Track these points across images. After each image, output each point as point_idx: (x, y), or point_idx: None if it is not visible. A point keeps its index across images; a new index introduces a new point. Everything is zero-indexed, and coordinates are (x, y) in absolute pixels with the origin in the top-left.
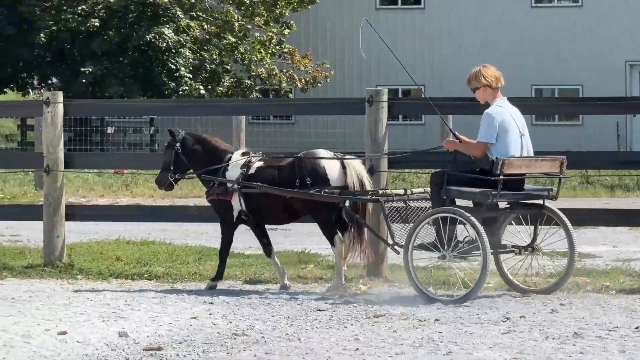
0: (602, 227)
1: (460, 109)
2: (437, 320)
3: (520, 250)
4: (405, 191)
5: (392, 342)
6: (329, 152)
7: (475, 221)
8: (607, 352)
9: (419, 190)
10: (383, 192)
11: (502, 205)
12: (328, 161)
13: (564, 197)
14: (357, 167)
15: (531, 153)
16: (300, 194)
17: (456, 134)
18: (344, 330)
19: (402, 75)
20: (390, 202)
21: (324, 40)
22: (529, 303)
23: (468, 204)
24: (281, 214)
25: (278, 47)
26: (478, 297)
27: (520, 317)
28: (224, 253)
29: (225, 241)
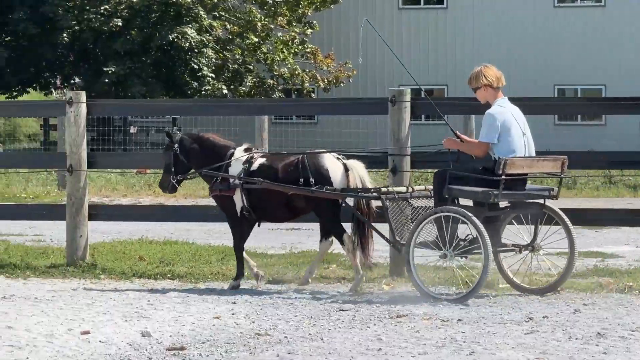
0: (626, 227)
1: (478, 109)
2: (460, 320)
3: (520, 249)
4: (407, 189)
5: (415, 342)
6: (333, 155)
7: (476, 220)
8: (630, 353)
9: (420, 187)
10: (385, 190)
11: (503, 204)
12: (331, 163)
13: (587, 197)
14: (360, 170)
15: (532, 152)
16: (302, 190)
17: (457, 133)
18: (367, 330)
19: (425, 75)
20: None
21: (347, 40)
22: (552, 303)
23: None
24: (282, 211)
25: (301, 47)
26: (502, 297)
27: (543, 317)
28: (239, 251)
29: (236, 238)
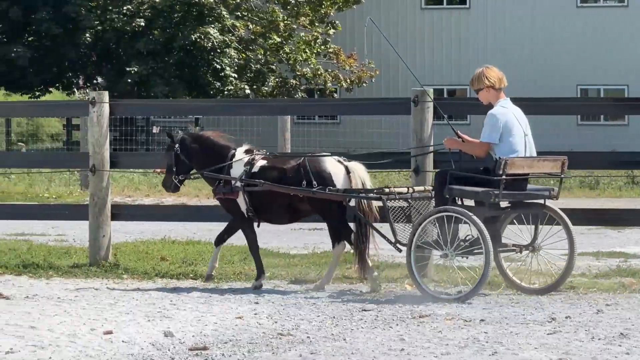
0: None
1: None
2: (483, 320)
3: (521, 249)
4: (408, 189)
5: (438, 343)
6: (334, 158)
7: (477, 220)
8: None
9: (420, 188)
10: (387, 190)
11: (504, 204)
12: (333, 166)
13: (609, 197)
14: (362, 174)
15: (534, 153)
16: (303, 192)
17: (459, 133)
18: (390, 330)
19: (448, 75)
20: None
21: (369, 39)
22: (575, 303)
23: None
24: (284, 213)
25: (323, 47)
26: (524, 298)
27: (565, 318)
28: (255, 250)
29: (250, 238)
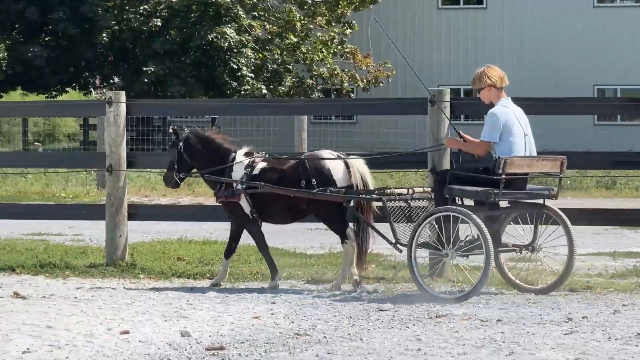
0: None
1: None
2: (500, 320)
3: (520, 249)
4: (408, 190)
5: (454, 343)
6: (332, 153)
7: (477, 220)
8: None
9: (420, 189)
10: (387, 191)
11: (503, 204)
12: (333, 162)
13: (627, 197)
14: (361, 168)
15: (534, 153)
16: (303, 193)
17: (461, 133)
18: (406, 330)
19: (465, 75)
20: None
21: (386, 39)
22: (592, 304)
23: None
24: (286, 213)
25: (340, 47)
26: (541, 298)
27: (582, 318)
28: (264, 250)
29: (257, 239)
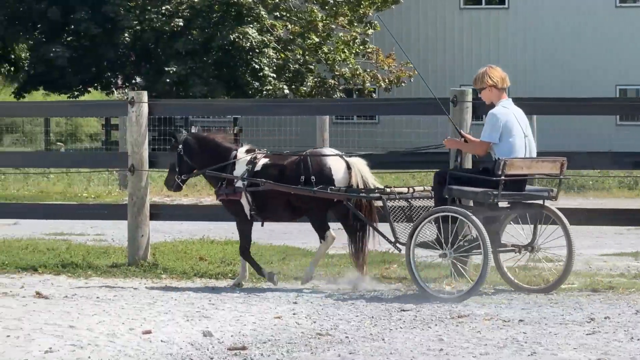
0: None
1: (539, 109)
2: (522, 320)
3: (520, 249)
4: (408, 189)
5: (476, 343)
6: (334, 151)
7: (476, 220)
8: None
9: (420, 188)
10: (388, 190)
11: (503, 204)
12: (333, 161)
13: None
14: (361, 168)
15: (534, 154)
16: (304, 191)
17: (462, 133)
18: (428, 330)
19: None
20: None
21: (408, 39)
22: (614, 304)
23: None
24: (284, 211)
25: (362, 47)
26: (563, 298)
27: (604, 318)
28: (245, 254)
29: (244, 241)
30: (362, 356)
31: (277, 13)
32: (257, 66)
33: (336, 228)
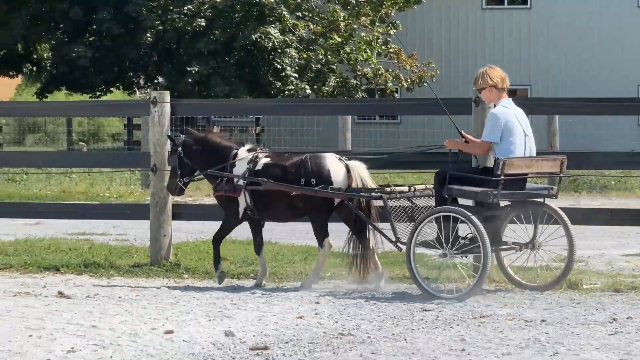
0: None
1: (561, 109)
2: (544, 320)
3: (520, 247)
4: (409, 188)
5: (499, 343)
6: (335, 156)
7: (476, 220)
8: None
9: (421, 187)
10: (388, 189)
11: (503, 203)
12: (333, 164)
13: None
14: (361, 171)
15: (534, 154)
16: (306, 190)
17: (463, 133)
18: (450, 330)
19: (508, 75)
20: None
21: (430, 39)
22: (636, 304)
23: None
24: (285, 211)
25: (384, 47)
26: (585, 298)
27: (627, 318)
28: (217, 241)
29: (221, 232)
30: (384, 356)
31: (299, 13)
32: (279, 66)
33: (335, 230)
